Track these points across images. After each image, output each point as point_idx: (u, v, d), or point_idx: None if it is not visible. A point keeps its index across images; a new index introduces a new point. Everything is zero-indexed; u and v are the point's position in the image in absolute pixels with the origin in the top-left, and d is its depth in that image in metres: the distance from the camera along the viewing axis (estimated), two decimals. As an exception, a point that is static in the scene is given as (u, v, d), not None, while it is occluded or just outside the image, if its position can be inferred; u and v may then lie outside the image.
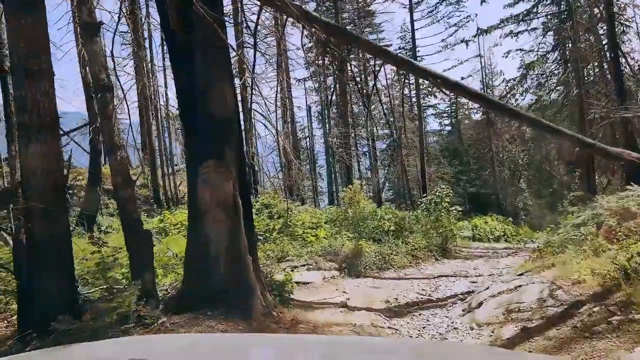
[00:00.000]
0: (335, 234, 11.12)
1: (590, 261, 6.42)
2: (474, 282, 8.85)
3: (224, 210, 5.44)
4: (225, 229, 5.40)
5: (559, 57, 21.63)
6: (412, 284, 8.71)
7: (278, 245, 8.81)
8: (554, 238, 10.35)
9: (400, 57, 6.95)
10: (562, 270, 7.05)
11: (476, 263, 12.44)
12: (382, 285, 8.44)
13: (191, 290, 5.38)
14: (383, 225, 12.37)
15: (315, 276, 7.93)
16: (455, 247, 15.66)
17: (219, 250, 5.34)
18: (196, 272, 5.40)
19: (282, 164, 18.85)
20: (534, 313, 5.15)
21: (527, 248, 16.06)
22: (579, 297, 5.20)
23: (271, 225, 9.99)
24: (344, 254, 9.49)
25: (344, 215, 12.73)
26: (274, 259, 7.84)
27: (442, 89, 6.86)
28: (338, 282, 8.12)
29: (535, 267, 8.91)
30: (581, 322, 4.51)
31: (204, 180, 5.47)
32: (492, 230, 22.58)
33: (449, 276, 9.69)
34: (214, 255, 5.33)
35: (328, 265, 8.57)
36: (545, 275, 6.96)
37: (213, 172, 5.46)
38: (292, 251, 8.49)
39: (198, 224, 5.47)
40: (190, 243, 5.58)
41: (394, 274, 9.76)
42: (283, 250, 8.43)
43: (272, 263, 7.47)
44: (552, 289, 5.64)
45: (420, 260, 11.77)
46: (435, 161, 34.87)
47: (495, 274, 9.90)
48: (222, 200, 5.44)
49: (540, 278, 6.29)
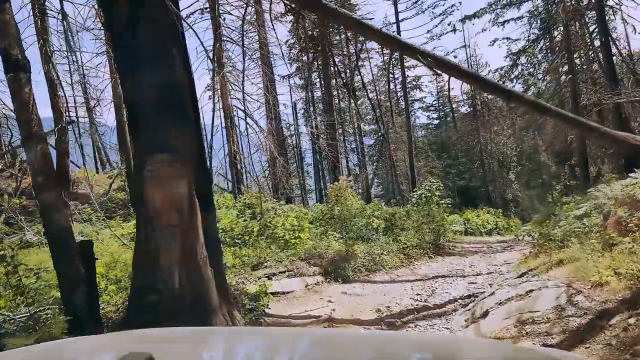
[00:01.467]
0: (320, 234, 10.15)
1: (609, 259, 5.56)
2: (473, 282, 7.96)
3: (178, 214, 4.44)
4: (179, 236, 4.40)
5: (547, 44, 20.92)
6: (406, 288, 7.79)
7: (256, 250, 7.80)
8: (555, 231, 9.52)
9: (385, 33, 5.98)
10: (573, 269, 6.17)
11: (472, 260, 11.58)
12: (373, 290, 7.49)
13: (138, 310, 4.38)
14: (372, 223, 11.44)
15: (297, 284, 6.95)
16: (448, 243, 14.83)
17: (171, 261, 4.34)
18: (144, 288, 4.39)
19: (268, 161, 17.81)
20: (552, 325, 4.24)
21: (523, 241, 15.29)
22: (605, 304, 4.30)
23: (249, 228, 8.99)
24: (329, 257, 8.53)
25: (330, 214, 11.76)
26: (249, 266, 6.84)
27: (434, 69, 5.92)
28: (323, 289, 7.15)
29: (540, 264, 8.05)
30: (616, 338, 3.61)
31: (154, 177, 4.45)
32: (484, 224, 21.83)
33: (445, 276, 8.79)
34: (165, 268, 4.33)
35: (312, 270, 7.60)
36: (555, 275, 6.08)
37: (165, 168, 4.45)
38: (271, 256, 7.49)
39: (146, 231, 4.45)
40: (138, 254, 4.56)
41: (385, 276, 8.83)
42: (260, 255, 7.42)
43: (247, 271, 6.47)
44: (570, 294, 4.74)
45: (412, 259, 10.87)
46: (424, 155, 34.12)
47: (495, 272, 9.04)
48: (175, 202, 4.43)
49: (552, 280, 5.38)
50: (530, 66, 19.92)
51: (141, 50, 4.58)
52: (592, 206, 9.49)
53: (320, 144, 20.32)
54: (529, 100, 7.18)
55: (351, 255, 8.79)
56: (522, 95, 8.04)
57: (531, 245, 13.06)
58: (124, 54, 4.83)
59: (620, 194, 8.83)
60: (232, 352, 1.36)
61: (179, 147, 4.53)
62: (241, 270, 6.54)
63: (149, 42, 4.61)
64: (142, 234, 4.53)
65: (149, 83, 4.55)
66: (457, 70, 6.53)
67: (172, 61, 4.71)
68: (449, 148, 36.10)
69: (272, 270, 6.92)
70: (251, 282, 5.95)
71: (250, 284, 5.86)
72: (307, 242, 9.23)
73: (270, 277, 6.67)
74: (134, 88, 4.67)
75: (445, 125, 38.84)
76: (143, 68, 4.59)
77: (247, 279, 6.02)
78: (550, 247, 9.06)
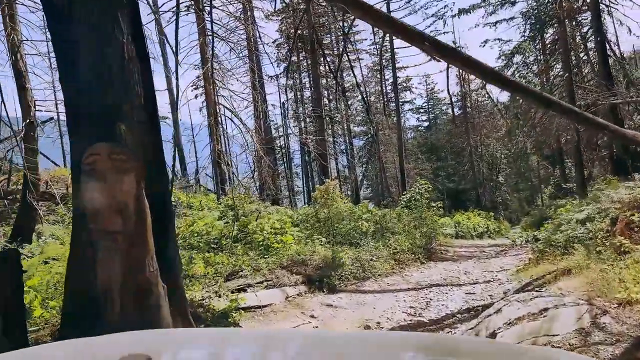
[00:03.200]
0: (305, 238, 9.29)
1: (629, 270, 4.80)
2: (471, 293, 7.17)
3: (122, 217, 3.55)
4: (122, 245, 3.51)
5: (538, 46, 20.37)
6: (398, 299, 6.96)
7: (232, 257, 6.91)
8: (556, 236, 8.79)
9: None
10: (586, 280, 5.42)
11: (466, 266, 10.82)
12: (361, 302, 6.65)
13: (72, 335, 3.47)
14: (361, 226, 10.61)
15: (276, 296, 6.08)
16: (440, 247, 14.07)
17: (112, 277, 3.45)
18: (78, 308, 3.50)
19: (253, 160, 16.91)
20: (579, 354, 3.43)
21: (518, 246, 14.60)
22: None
23: (225, 232, 8.10)
24: (314, 264, 7.68)
25: (316, 217, 10.91)
26: (223, 276, 5.95)
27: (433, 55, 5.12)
28: (305, 301, 6.29)
29: (543, 272, 7.30)
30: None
31: (91, 171, 3.56)
32: (475, 227, 21.15)
33: (440, 285, 7.99)
34: (104, 284, 3.44)
35: (294, 279, 6.73)
36: (565, 287, 5.31)
37: (104, 160, 3.56)
38: (247, 264, 6.60)
39: (82, 239, 3.56)
40: (71, 268, 3.66)
41: (375, 285, 8.00)
42: (236, 263, 6.52)
43: (219, 283, 5.58)
44: (593, 314, 3.95)
45: (404, 265, 10.07)
46: (413, 157, 33.50)
47: (493, 280, 8.27)
48: (118, 202, 3.55)
49: (567, 295, 4.59)
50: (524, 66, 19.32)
51: (81, 35, 3.69)
52: (595, 210, 8.79)
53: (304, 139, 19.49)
54: (535, 93, 6.42)
55: (338, 262, 7.95)
56: (526, 87, 7.30)
57: (527, 250, 12.39)
58: (61, 37, 3.93)
59: (626, 197, 8.14)
60: (226, 354, 1.37)
61: (124, 136, 3.65)
62: (212, 281, 5.66)
63: (90, 25, 3.73)
64: (77, 241, 3.64)
65: (91, 60, 3.67)
66: (457, 58, 5.75)
67: (119, 48, 3.81)
68: (438, 150, 35.53)
69: (249, 280, 6.03)
70: (222, 296, 5.07)
71: (221, 299, 4.99)
72: (290, 247, 8.37)
73: (245, 289, 5.79)
74: (73, 66, 3.78)
75: (435, 127, 38.29)
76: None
77: (218, 292, 5.13)
78: (553, 254, 8.34)
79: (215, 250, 7.69)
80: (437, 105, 39.44)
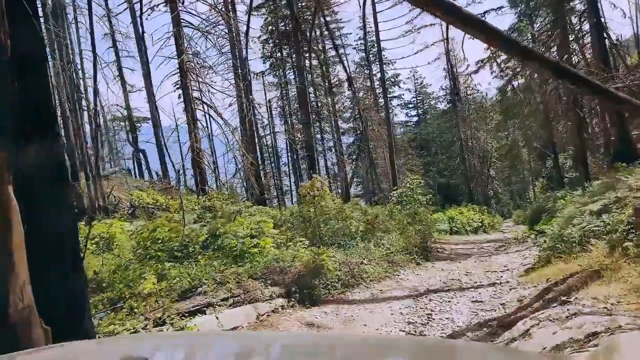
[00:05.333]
0: (287, 241, 8.07)
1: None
2: (478, 301, 6.00)
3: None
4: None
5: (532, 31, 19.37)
6: (393, 310, 5.77)
7: (193, 267, 5.63)
8: (568, 230, 7.65)
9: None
10: (627, 286, 4.28)
11: (465, 265, 9.68)
12: (349, 317, 5.45)
13: None
14: (350, 225, 9.43)
15: (244, 315, 4.85)
16: (435, 245, 12.94)
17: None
18: None
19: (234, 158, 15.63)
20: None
21: (516, 241, 13.52)
22: None
23: (193, 237, 6.84)
24: (295, 271, 6.46)
25: (300, 216, 9.70)
26: (175, 292, 4.68)
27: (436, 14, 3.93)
28: (281, 319, 5.07)
29: (559, 273, 6.15)
30: None
31: None
32: (469, 222, 20.09)
33: (440, 291, 6.82)
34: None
35: (269, 292, 5.50)
36: (602, 295, 4.16)
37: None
38: (211, 275, 5.32)
39: None
40: None
41: (366, 293, 6.80)
42: (196, 276, 5.25)
43: (168, 304, 4.31)
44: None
45: (398, 267, 8.89)
46: (404, 153, 32.42)
47: (500, 283, 7.12)
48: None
49: (618, 311, 3.43)
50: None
51: None
52: (612, 199, 7.69)
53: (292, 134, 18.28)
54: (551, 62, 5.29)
55: (323, 268, 6.74)
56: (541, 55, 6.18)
57: (529, 246, 11.30)
58: None
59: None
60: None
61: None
62: (161, 302, 4.42)
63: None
64: None
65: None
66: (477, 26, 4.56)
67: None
68: (429, 144, 34.51)
69: (209, 297, 4.79)
70: (167, 324, 3.83)
71: (165, 327, 3.75)
72: (268, 253, 7.15)
73: (204, 310, 4.55)
74: None
75: (425, 122, 37.26)
76: None
77: (161, 319, 3.89)
78: (566, 251, 7.21)
79: (180, 259, 6.44)
80: (425, 100, 38.43)
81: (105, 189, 13.92)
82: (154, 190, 16.33)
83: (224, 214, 10.04)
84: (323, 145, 30.48)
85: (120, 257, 7.29)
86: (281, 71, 29.86)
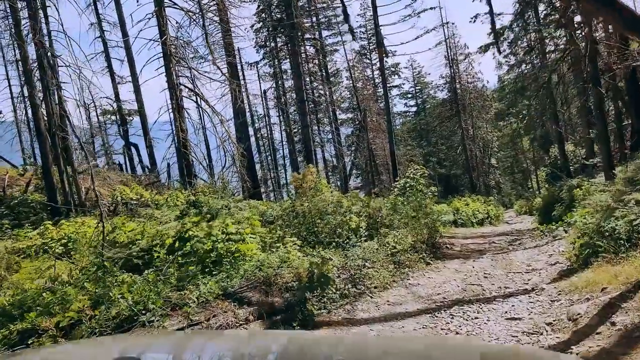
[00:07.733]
0: (275, 241, 6.66)
1: None
2: (514, 318, 4.60)
3: None
4: None
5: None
6: (406, 334, 4.38)
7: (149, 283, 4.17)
8: (612, 224, 6.24)
9: None
10: None
11: (481, 265, 8.30)
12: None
13: None
14: (349, 221, 8.02)
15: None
16: (442, 240, 11.53)
17: None
18: None
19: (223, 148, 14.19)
20: None
21: (530, 233, 12.14)
22: None
23: (157, 239, 5.43)
24: (283, 281, 5.06)
25: (293, 211, 8.29)
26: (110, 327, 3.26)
27: None
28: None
29: (615, 280, 4.75)
30: None
31: None
32: (475, 213, 18.69)
33: (461, 302, 5.42)
34: None
35: (243, 313, 4.11)
36: None
37: None
38: (163, 295, 3.86)
39: None
40: None
41: (371, 306, 5.41)
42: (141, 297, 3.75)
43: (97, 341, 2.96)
44: None
45: (405, 268, 7.51)
46: (403, 143, 31.01)
47: (534, 289, 5.73)
48: None
49: None
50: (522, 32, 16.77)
51: None
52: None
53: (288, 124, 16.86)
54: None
55: (319, 277, 5.34)
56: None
57: (549, 241, 9.91)
58: None
59: None
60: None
61: None
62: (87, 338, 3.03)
63: None
64: None
65: None
66: None
67: None
68: (429, 134, 33.08)
69: (154, 330, 3.40)
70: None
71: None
72: (252, 257, 5.74)
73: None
74: None
75: (424, 112, 35.77)
76: None
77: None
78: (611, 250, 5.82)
79: (139, 269, 5.04)
80: (424, 89, 36.91)
81: (82, 184, 12.48)
82: (138, 185, 14.89)
83: (210, 209, 8.65)
84: (320, 136, 29.03)
85: (75, 264, 5.89)
86: (276, 61, 28.32)
